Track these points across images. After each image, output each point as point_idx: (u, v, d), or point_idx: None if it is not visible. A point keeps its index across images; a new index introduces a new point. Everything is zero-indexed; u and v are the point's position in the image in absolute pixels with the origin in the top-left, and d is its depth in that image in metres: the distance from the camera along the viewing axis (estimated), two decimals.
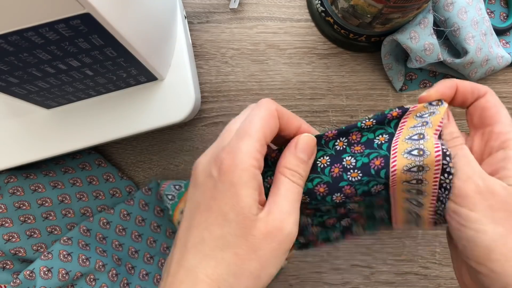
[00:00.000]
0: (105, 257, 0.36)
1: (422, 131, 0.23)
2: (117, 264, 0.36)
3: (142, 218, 0.38)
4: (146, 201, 0.38)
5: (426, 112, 0.24)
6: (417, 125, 0.24)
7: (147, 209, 0.38)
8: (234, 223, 0.21)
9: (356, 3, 0.31)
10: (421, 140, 0.23)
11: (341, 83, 0.39)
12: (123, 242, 0.38)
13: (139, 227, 0.38)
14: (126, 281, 0.36)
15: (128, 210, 0.38)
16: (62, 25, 0.20)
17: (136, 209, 0.38)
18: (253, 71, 0.39)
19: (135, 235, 0.38)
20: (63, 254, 0.34)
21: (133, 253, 0.38)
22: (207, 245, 0.21)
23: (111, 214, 0.37)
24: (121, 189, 0.39)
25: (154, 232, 0.38)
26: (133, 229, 0.38)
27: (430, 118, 0.24)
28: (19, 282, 0.33)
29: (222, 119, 0.39)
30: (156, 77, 0.32)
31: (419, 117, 0.24)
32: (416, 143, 0.23)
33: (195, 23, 0.39)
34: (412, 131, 0.24)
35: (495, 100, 0.24)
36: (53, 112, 0.32)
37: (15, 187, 0.34)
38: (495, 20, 0.39)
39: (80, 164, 0.37)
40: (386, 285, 0.39)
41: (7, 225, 0.34)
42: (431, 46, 0.33)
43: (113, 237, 0.37)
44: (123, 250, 0.37)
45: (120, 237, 0.37)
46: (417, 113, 0.24)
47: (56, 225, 0.36)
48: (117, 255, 0.37)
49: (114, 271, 0.36)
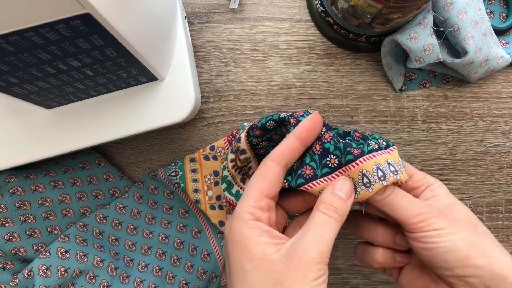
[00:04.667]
0: (103, 252, 0.36)
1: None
2: (115, 258, 0.37)
3: (138, 211, 0.38)
4: (140, 194, 0.38)
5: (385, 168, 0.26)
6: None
7: (142, 202, 0.38)
8: (252, 270, 0.23)
9: (356, 4, 0.31)
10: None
11: (341, 83, 0.39)
12: (119, 236, 0.38)
13: (134, 220, 0.38)
14: (126, 274, 0.36)
15: (123, 204, 0.38)
16: (62, 25, 0.20)
17: (131, 201, 0.38)
18: (253, 71, 0.39)
19: (130, 228, 0.38)
20: (60, 251, 0.34)
21: (130, 246, 0.38)
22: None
23: (107, 209, 0.37)
24: (120, 188, 0.39)
25: (149, 224, 0.38)
26: (129, 222, 0.38)
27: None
28: (18, 282, 0.33)
29: (222, 119, 0.39)
30: (156, 77, 0.32)
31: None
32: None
33: (195, 23, 0.39)
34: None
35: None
36: (54, 112, 0.32)
37: (15, 187, 0.34)
38: (495, 20, 0.39)
39: (80, 164, 0.37)
40: (385, 285, 0.39)
41: (7, 224, 0.34)
42: (431, 46, 0.33)
43: (109, 232, 0.37)
44: (120, 245, 0.38)
45: (116, 231, 0.38)
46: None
47: (56, 225, 0.36)
48: (114, 249, 0.37)
49: (112, 266, 0.36)
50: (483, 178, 0.39)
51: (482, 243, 0.24)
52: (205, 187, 0.38)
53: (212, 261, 0.39)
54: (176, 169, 0.37)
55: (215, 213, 0.37)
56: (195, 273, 0.38)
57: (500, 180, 0.39)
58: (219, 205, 0.37)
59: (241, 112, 0.39)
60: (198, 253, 0.39)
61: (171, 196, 0.39)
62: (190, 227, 0.39)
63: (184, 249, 0.39)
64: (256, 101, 0.39)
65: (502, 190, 0.39)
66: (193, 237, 0.39)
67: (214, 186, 0.38)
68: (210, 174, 0.38)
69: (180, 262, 0.38)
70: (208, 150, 0.38)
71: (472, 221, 0.25)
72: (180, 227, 0.39)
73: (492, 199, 0.39)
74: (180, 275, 0.38)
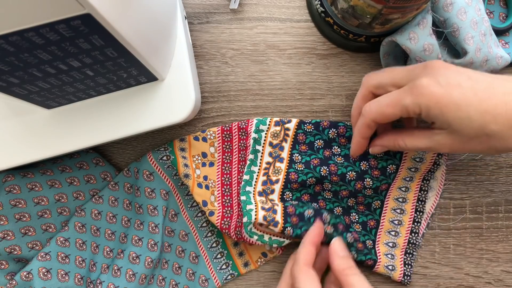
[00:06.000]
0: (96, 254, 0.37)
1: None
2: (108, 256, 0.37)
3: (129, 201, 0.38)
4: (130, 183, 0.38)
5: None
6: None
7: (131, 192, 0.38)
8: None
9: (355, 4, 0.31)
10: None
11: (341, 83, 0.39)
12: (115, 230, 0.38)
13: (127, 211, 0.38)
14: (117, 267, 0.36)
15: (115, 196, 0.38)
16: (62, 25, 0.20)
17: (122, 193, 0.38)
18: (253, 71, 0.39)
19: (124, 220, 0.38)
20: (61, 256, 0.35)
21: (123, 238, 0.38)
22: None
23: (101, 204, 0.37)
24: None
25: (138, 214, 0.38)
26: (123, 214, 0.38)
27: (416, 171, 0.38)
28: (15, 283, 0.33)
29: (222, 119, 0.39)
30: (156, 78, 0.32)
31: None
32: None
33: (195, 24, 0.39)
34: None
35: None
36: (54, 112, 0.32)
37: (12, 186, 0.34)
38: (494, 21, 0.39)
39: (77, 163, 0.37)
40: (385, 284, 0.39)
41: (2, 223, 0.34)
42: (431, 46, 0.33)
43: (106, 227, 0.38)
44: (115, 238, 0.38)
45: (111, 225, 0.38)
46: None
47: (51, 223, 0.36)
48: (109, 246, 0.37)
49: (105, 266, 0.37)
50: (482, 178, 0.39)
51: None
52: (193, 166, 0.38)
53: (200, 263, 0.39)
54: (167, 154, 0.37)
55: (201, 191, 0.37)
56: (184, 274, 0.39)
57: (500, 180, 0.39)
58: (205, 185, 0.38)
59: (241, 112, 0.39)
60: (186, 255, 0.39)
61: (154, 196, 0.39)
62: (177, 231, 0.39)
63: (172, 251, 0.39)
64: (256, 101, 0.39)
65: (502, 190, 0.39)
66: (181, 240, 0.39)
67: (202, 166, 0.38)
68: (198, 154, 0.38)
69: (168, 265, 0.38)
70: (199, 132, 0.38)
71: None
72: (168, 231, 0.39)
73: (491, 199, 0.39)
74: (170, 276, 0.38)
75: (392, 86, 0.31)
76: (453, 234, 0.39)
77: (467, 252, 0.39)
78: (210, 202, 0.37)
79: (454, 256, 0.39)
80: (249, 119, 0.38)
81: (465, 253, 0.39)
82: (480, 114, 0.27)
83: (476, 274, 0.39)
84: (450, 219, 0.39)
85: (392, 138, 0.33)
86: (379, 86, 0.32)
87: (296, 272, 0.31)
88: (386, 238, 0.38)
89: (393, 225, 0.38)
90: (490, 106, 0.27)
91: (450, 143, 0.29)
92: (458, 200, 0.39)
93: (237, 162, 0.39)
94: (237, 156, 0.39)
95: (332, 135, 0.38)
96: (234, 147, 0.38)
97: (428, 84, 0.28)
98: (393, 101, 0.29)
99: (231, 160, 0.39)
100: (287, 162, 0.38)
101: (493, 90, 0.27)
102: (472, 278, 0.39)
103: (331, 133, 0.37)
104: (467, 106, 0.27)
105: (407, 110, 0.29)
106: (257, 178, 0.37)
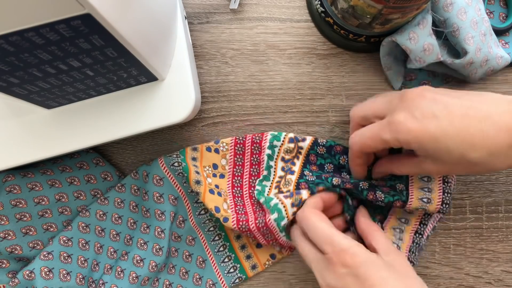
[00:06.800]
0: (100, 254, 0.37)
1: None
2: (112, 257, 0.37)
3: (136, 204, 0.38)
4: (138, 185, 0.38)
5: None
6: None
7: (138, 194, 0.38)
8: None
9: (355, 4, 0.31)
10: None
11: (341, 83, 0.39)
12: (120, 230, 0.38)
13: (133, 213, 0.38)
14: (120, 269, 0.36)
15: (121, 198, 0.38)
16: (62, 25, 0.20)
17: (128, 195, 0.38)
18: (253, 71, 0.39)
19: (130, 222, 0.38)
20: (63, 255, 0.34)
21: (128, 240, 0.38)
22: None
23: (106, 205, 0.37)
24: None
25: (145, 217, 0.38)
26: (129, 216, 0.38)
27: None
28: (18, 282, 0.33)
29: (222, 119, 0.39)
30: (156, 78, 0.32)
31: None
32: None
33: (195, 24, 0.39)
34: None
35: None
36: (54, 112, 0.32)
37: (12, 185, 0.34)
38: (494, 21, 0.39)
39: (77, 163, 0.37)
40: None
41: (2, 223, 0.34)
42: (431, 46, 0.33)
43: (111, 227, 0.37)
44: (120, 239, 0.38)
45: (116, 226, 0.38)
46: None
47: (52, 222, 0.36)
48: (113, 246, 0.37)
49: (108, 266, 0.37)
50: (482, 178, 0.39)
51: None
52: (204, 174, 0.38)
53: (207, 268, 0.39)
54: (179, 161, 0.37)
55: (213, 197, 0.37)
56: (191, 278, 0.39)
57: (500, 180, 0.39)
58: (218, 192, 0.37)
59: (241, 112, 0.39)
60: (193, 260, 0.39)
61: (162, 201, 0.39)
62: (184, 236, 0.39)
63: (179, 256, 0.39)
64: (256, 101, 0.39)
65: (502, 190, 0.39)
66: (188, 245, 0.39)
67: (213, 177, 0.38)
68: (209, 166, 0.38)
69: (175, 270, 0.38)
70: (212, 143, 0.38)
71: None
72: (174, 237, 0.39)
73: (491, 199, 0.39)
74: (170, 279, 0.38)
75: (374, 117, 0.32)
76: (453, 234, 0.39)
77: (467, 252, 0.39)
78: (223, 209, 0.37)
79: (454, 256, 0.39)
80: (264, 132, 0.38)
81: (465, 253, 0.39)
82: (458, 144, 0.27)
83: (476, 274, 0.39)
84: (450, 219, 0.39)
85: (386, 166, 0.34)
86: (364, 118, 0.33)
87: (302, 212, 0.32)
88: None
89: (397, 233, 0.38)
90: (467, 136, 0.27)
91: (436, 169, 0.30)
92: (458, 200, 0.39)
93: (248, 176, 0.38)
94: (249, 170, 0.38)
95: (343, 162, 0.38)
96: (246, 161, 0.38)
97: (404, 120, 0.28)
98: (373, 134, 0.31)
99: (242, 173, 0.38)
100: (297, 175, 0.38)
101: (469, 119, 0.27)
102: (472, 278, 0.39)
103: (342, 159, 0.37)
104: (444, 137, 0.27)
105: (388, 144, 0.30)
106: (269, 191, 0.38)
